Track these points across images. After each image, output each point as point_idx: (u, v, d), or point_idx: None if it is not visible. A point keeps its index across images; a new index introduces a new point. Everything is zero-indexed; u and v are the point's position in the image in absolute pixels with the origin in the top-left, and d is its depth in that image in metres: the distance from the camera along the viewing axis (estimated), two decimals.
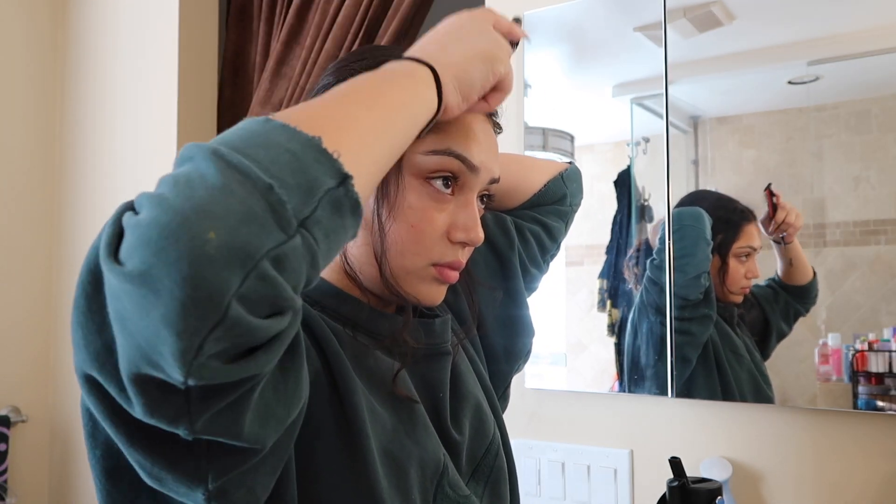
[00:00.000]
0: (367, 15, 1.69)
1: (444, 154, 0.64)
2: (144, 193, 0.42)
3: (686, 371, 1.21)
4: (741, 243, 1.22)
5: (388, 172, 0.58)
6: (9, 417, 1.85)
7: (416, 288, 0.66)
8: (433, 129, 0.62)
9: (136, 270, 0.38)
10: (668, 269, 1.22)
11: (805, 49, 1.15)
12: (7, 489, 1.86)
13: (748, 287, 1.21)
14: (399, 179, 0.63)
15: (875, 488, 1.07)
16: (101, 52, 1.97)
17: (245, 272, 0.39)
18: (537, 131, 1.39)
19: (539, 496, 1.33)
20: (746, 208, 1.20)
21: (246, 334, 0.39)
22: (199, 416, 0.41)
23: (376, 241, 0.63)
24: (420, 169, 0.64)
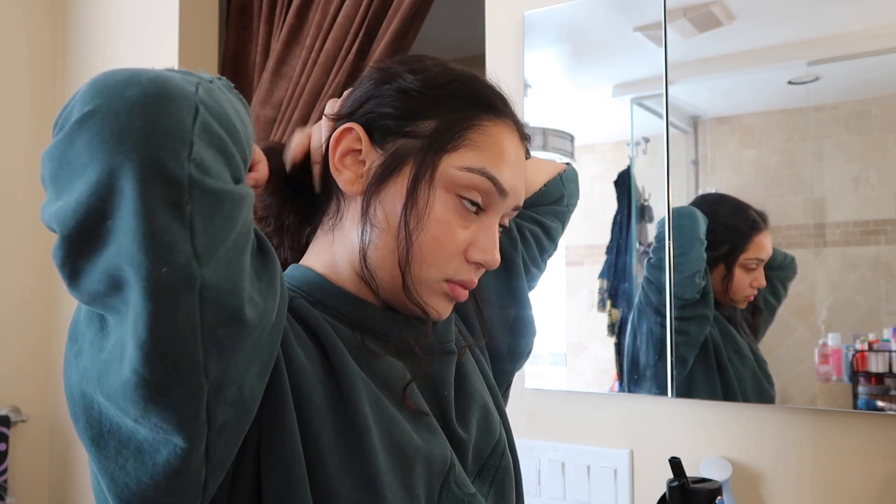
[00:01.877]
0: (367, 15, 1.69)
1: (477, 173, 0.65)
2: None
3: (683, 371, 1.21)
4: (749, 255, 1.22)
5: (420, 180, 0.64)
6: (9, 417, 1.85)
7: (425, 299, 0.66)
8: (470, 146, 0.66)
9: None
10: (669, 268, 1.22)
11: (805, 49, 1.15)
12: (7, 489, 1.86)
13: (752, 295, 1.21)
14: (430, 189, 0.65)
15: (875, 488, 1.07)
16: (101, 52, 1.97)
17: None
18: (537, 131, 1.39)
19: (539, 496, 1.33)
20: (757, 217, 1.20)
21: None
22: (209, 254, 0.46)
23: (402, 247, 0.64)
24: (452, 183, 0.65)
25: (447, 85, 0.68)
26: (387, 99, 0.67)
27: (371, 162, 0.66)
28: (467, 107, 0.67)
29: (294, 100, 1.76)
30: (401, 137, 0.66)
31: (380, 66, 0.70)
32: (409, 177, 0.64)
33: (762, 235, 1.21)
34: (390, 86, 0.67)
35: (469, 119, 0.67)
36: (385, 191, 0.65)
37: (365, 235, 0.65)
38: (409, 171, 0.65)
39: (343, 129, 0.66)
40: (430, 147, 0.65)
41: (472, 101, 0.68)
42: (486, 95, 0.69)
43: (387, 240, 0.65)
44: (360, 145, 0.66)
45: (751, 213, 1.22)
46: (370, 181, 0.65)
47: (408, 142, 0.66)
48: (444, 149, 0.65)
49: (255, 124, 1.82)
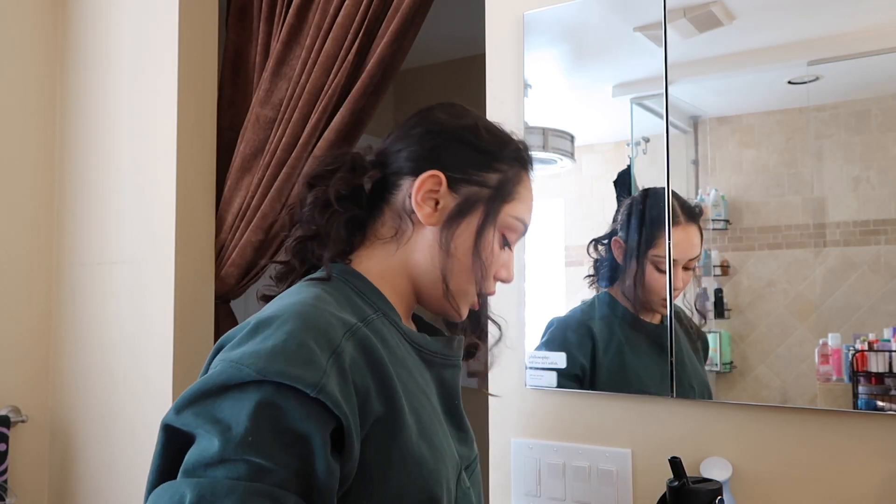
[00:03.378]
0: (367, 15, 1.69)
1: (520, 221, 0.89)
2: None
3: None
4: (658, 251, 1.22)
5: (486, 222, 0.85)
6: (9, 417, 1.85)
7: (460, 306, 0.87)
8: (518, 198, 0.88)
9: None
10: (669, 268, 1.22)
11: (805, 49, 1.15)
12: (7, 489, 1.86)
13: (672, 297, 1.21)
14: (493, 229, 0.86)
15: (875, 488, 1.07)
16: (101, 52, 1.97)
17: None
18: (537, 131, 1.39)
19: (539, 496, 1.33)
20: (680, 210, 1.21)
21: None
22: None
23: (461, 266, 0.84)
24: (504, 226, 0.87)
25: (506, 147, 0.88)
26: (462, 154, 0.86)
27: (445, 202, 0.85)
28: (517, 164, 0.89)
29: (294, 100, 1.76)
30: (472, 186, 0.85)
31: (441, 123, 0.88)
32: (479, 219, 0.85)
33: (678, 230, 1.21)
34: (462, 142, 0.86)
35: (519, 174, 0.89)
36: (457, 227, 0.84)
37: (433, 258, 0.84)
38: (478, 214, 0.85)
39: (431, 174, 0.84)
40: (496, 197, 0.86)
41: (519, 160, 0.89)
42: (528, 155, 0.91)
43: (448, 262, 0.84)
44: (439, 188, 0.84)
45: (674, 202, 1.22)
46: (447, 218, 0.84)
47: (478, 190, 0.85)
48: (505, 199, 0.86)
49: (255, 124, 1.82)
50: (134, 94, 1.90)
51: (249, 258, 1.83)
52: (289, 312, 0.72)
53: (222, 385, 0.66)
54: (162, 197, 1.82)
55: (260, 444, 0.64)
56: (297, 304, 0.74)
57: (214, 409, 0.66)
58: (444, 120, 0.88)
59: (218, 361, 0.69)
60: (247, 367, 0.66)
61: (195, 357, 1.84)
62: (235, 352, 0.69)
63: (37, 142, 2.00)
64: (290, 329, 0.70)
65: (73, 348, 1.96)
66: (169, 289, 1.79)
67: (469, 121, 0.88)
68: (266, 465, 0.64)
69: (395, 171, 0.87)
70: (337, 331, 0.73)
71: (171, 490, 0.64)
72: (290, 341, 0.69)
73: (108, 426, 1.88)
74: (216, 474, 0.63)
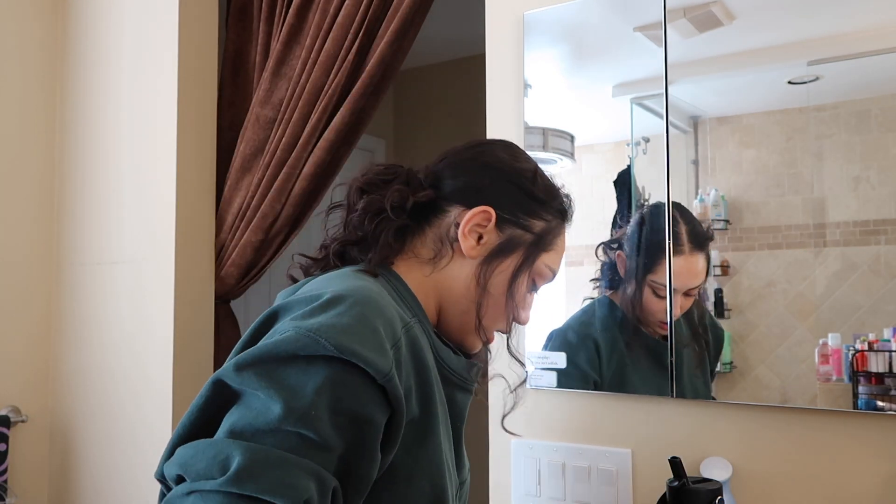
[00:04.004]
0: (367, 15, 1.69)
1: (551, 271, 0.92)
2: None
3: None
4: (657, 278, 1.21)
5: (523, 266, 0.87)
6: (9, 417, 1.85)
7: (477, 340, 0.90)
8: (554, 249, 0.91)
9: None
10: (669, 269, 1.22)
11: (805, 49, 1.15)
12: (7, 489, 1.86)
13: (667, 323, 1.20)
14: (528, 273, 0.88)
15: (875, 488, 1.07)
16: (101, 52, 1.97)
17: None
18: (537, 131, 1.39)
19: (539, 496, 1.33)
20: (685, 236, 1.19)
21: None
22: None
23: (494, 303, 0.87)
24: (537, 272, 0.90)
25: (555, 198, 0.91)
26: (514, 196, 0.88)
27: (489, 238, 0.87)
28: (561, 216, 0.92)
29: (294, 100, 1.76)
30: (517, 228, 0.88)
31: (500, 162, 0.90)
32: (518, 261, 0.87)
33: (675, 259, 1.20)
34: (517, 185, 0.89)
35: (559, 227, 0.92)
36: (497, 265, 0.86)
37: (468, 290, 0.86)
38: (517, 256, 0.87)
39: (483, 209, 0.86)
40: (537, 244, 0.89)
41: (562, 213, 0.92)
42: (571, 209, 0.94)
43: (482, 297, 0.86)
44: (487, 224, 0.86)
45: (676, 229, 1.20)
46: (488, 254, 0.86)
47: (522, 233, 0.88)
48: (545, 248, 0.89)
49: (255, 124, 1.82)
50: (134, 95, 1.90)
51: (249, 258, 1.83)
52: (360, 294, 0.72)
53: (293, 353, 0.66)
54: (162, 197, 1.82)
55: (318, 420, 0.64)
56: (363, 288, 0.74)
57: (280, 374, 0.65)
58: (504, 159, 0.90)
59: (289, 327, 0.68)
60: (324, 340, 0.66)
61: (195, 357, 1.84)
62: (310, 321, 0.68)
63: (37, 142, 2.00)
64: (363, 312, 0.70)
65: (73, 348, 1.96)
66: (169, 289, 1.79)
67: (528, 166, 0.91)
68: (318, 441, 0.64)
69: (446, 196, 0.88)
70: (398, 324, 0.74)
71: (216, 448, 0.62)
72: (365, 324, 0.69)
73: (108, 426, 1.88)
74: (267, 441, 0.63)
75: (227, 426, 0.64)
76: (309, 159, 1.75)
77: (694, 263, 1.20)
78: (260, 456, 0.61)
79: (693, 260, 1.20)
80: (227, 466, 0.61)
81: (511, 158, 0.91)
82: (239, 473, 0.60)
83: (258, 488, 0.60)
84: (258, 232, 1.79)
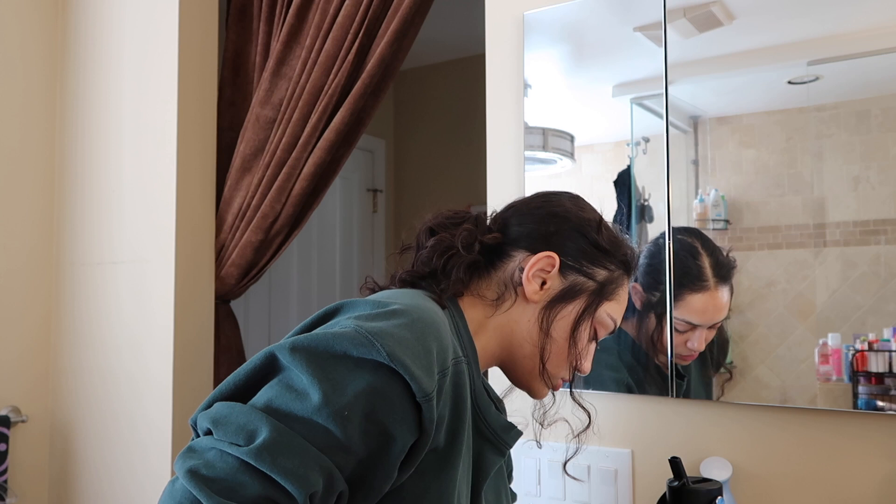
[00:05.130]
0: (367, 15, 1.69)
1: (613, 322, 0.92)
2: None
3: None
4: (678, 313, 1.19)
5: (586, 312, 0.88)
6: (9, 417, 1.85)
7: (550, 384, 0.91)
8: (617, 299, 0.91)
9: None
10: (669, 269, 1.22)
11: (805, 49, 1.15)
12: (7, 489, 1.86)
13: (689, 356, 1.19)
14: (590, 321, 0.89)
15: (875, 488, 1.07)
16: (102, 52, 1.97)
17: None
18: (537, 131, 1.39)
19: (539, 496, 1.33)
20: (708, 271, 1.18)
21: None
22: None
23: (557, 348, 0.88)
24: (599, 321, 0.90)
25: (619, 249, 0.92)
26: (579, 244, 0.90)
27: (553, 284, 0.88)
28: (624, 267, 0.92)
29: (294, 100, 1.76)
30: (581, 275, 0.89)
31: (567, 211, 0.92)
32: (580, 308, 0.88)
33: (700, 296, 1.18)
34: (582, 234, 0.90)
35: (622, 278, 0.92)
36: (559, 311, 0.88)
37: (530, 334, 0.88)
38: (580, 303, 0.88)
39: (547, 254, 0.87)
40: (600, 292, 0.89)
41: (626, 264, 0.93)
42: (634, 262, 0.95)
43: (545, 342, 0.87)
44: (551, 269, 0.88)
45: (699, 262, 1.19)
46: (550, 299, 0.88)
47: (585, 281, 0.89)
48: (607, 297, 0.90)
49: (255, 124, 1.82)
50: (134, 95, 1.90)
51: (249, 258, 1.83)
52: (424, 314, 0.74)
53: (345, 350, 0.67)
54: (162, 197, 1.82)
55: (349, 422, 0.65)
56: (430, 310, 0.76)
57: (329, 366, 0.67)
58: (570, 208, 0.93)
59: (350, 325, 0.70)
60: (379, 345, 0.67)
61: (195, 357, 1.84)
62: (371, 324, 0.70)
63: (37, 142, 2.00)
64: (423, 331, 0.72)
65: (73, 348, 1.96)
66: (169, 289, 1.79)
67: (593, 216, 0.93)
68: (343, 441, 0.65)
69: (511, 241, 0.91)
70: (450, 354, 0.75)
71: (248, 416, 0.65)
72: (421, 342, 0.71)
73: (108, 426, 1.88)
74: (296, 427, 0.64)
75: (266, 399, 0.67)
76: (309, 159, 1.75)
77: (719, 298, 1.18)
78: (285, 439, 0.63)
79: (718, 294, 1.18)
80: (253, 438, 0.63)
81: (577, 209, 0.93)
82: (260, 448, 0.62)
83: (273, 468, 0.62)
84: (258, 232, 1.79)
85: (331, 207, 3.10)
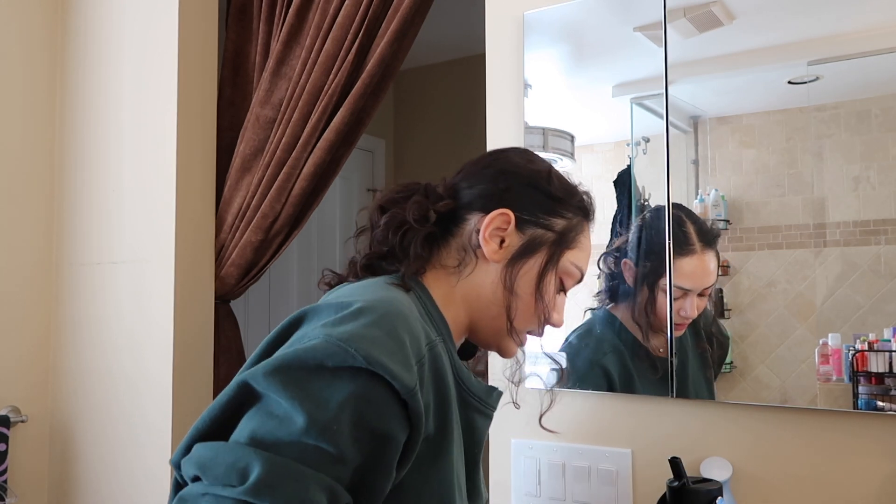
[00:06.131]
0: (367, 15, 1.69)
1: (577, 269, 0.91)
2: None
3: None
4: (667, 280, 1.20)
5: (549, 265, 0.87)
6: (9, 417, 1.85)
7: (518, 341, 0.90)
8: (578, 246, 0.90)
9: None
10: (669, 270, 1.22)
11: (805, 49, 1.15)
12: (7, 489, 1.86)
13: (682, 324, 1.20)
14: (554, 272, 0.88)
15: (875, 488, 1.07)
16: (101, 52, 1.97)
17: None
18: (537, 131, 1.39)
19: (539, 496, 1.33)
20: (693, 236, 1.19)
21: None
22: None
23: (523, 305, 0.87)
24: (563, 271, 0.90)
25: (574, 196, 0.91)
26: (532, 197, 0.88)
27: (511, 241, 0.87)
28: (582, 213, 0.92)
29: (294, 100, 1.76)
30: (539, 228, 0.88)
31: (516, 166, 0.91)
32: (542, 261, 0.87)
33: (688, 259, 1.20)
34: (534, 186, 0.89)
35: (581, 224, 0.92)
36: (521, 267, 0.86)
37: (495, 295, 0.86)
38: (541, 256, 0.87)
39: (501, 212, 0.86)
40: (560, 242, 0.89)
41: (583, 210, 0.92)
42: (591, 206, 0.94)
43: (511, 300, 0.86)
44: (507, 226, 0.87)
45: (685, 229, 1.20)
46: (511, 257, 0.87)
47: (543, 233, 0.88)
48: (569, 246, 0.89)
49: (255, 124, 1.82)
50: (134, 95, 1.90)
51: (249, 258, 1.83)
52: (390, 306, 0.73)
53: (320, 362, 0.65)
54: (162, 197, 1.82)
55: (339, 434, 0.64)
56: (394, 300, 0.75)
57: (306, 384, 0.65)
58: (518, 163, 0.92)
59: (319, 334, 0.68)
60: (354, 350, 0.65)
61: (195, 357, 1.84)
62: (340, 329, 0.68)
63: (37, 142, 2.00)
64: (393, 324, 0.70)
65: (73, 348, 1.96)
66: (169, 289, 1.79)
67: (542, 166, 0.92)
68: (336, 455, 0.64)
69: (465, 205, 0.90)
70: (423, 340, 0.74)
71: (235, 454, 0.63)
72: (394, 337, 0.69)
73: (108, 426, 1.88)
74: (286, 452, 0.63)
75: (248, 431, 0.64)
76: (309, 159, 1.75)
77: (707, 262, 1.20)
78: (279, 468, 0.61)
79: (705, 258, 1.20)
80: (247, 475, 0.61)
81: (526, 162, 0.92)
82: (257, 484, 0.60)
83: (275, 501, 0.60)
84: (258, 232, 1.79)
85: (331, 207, 3.10)
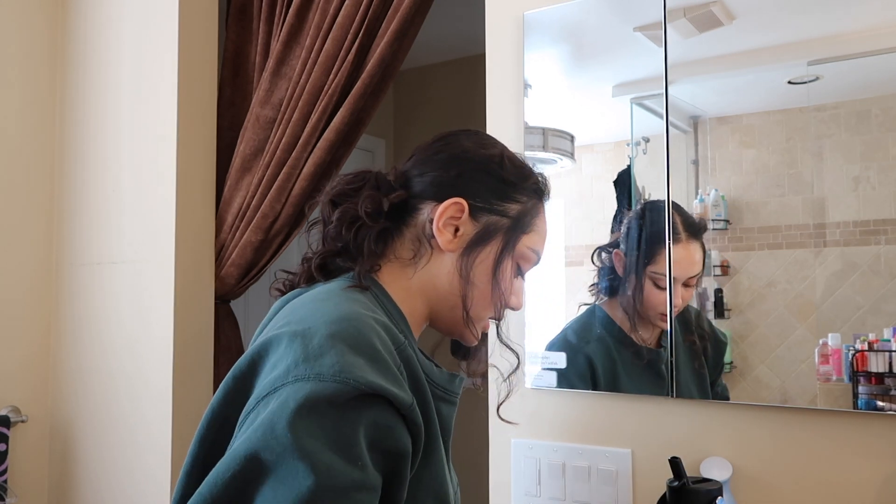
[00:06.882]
0: (367, 15, 1.69)
1: (535, 253, 0.90)
2: None
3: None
4: (657, 268, 1.22)
5: (504, 251, 0.86)
6: (9, 417, 1.85)
7: (475, 330, 0.89)
8: (535, 230, 0.89)
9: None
10: (668, 270, 1.22)
11: (805, 49, 1.15)
12: (7, 489, 1.86)
13: (667, 314, 1.21)
14: (511, 258, 0.87)
15: (875, 488, 1.07)
16: (101, 53, 1.97)
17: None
18: (537, 131, 1.39)
19: (539, 496, 1.33)
20: (682, 225, 1.21)
21: None
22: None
23: (480, 293, 0.86)
24: (520, 256, 0.89)
25: (528, 179, 0.90)
26: (485, 182, 0.87)
27: (466, 230, 0.85)
28: (536, 195, 0.91)
29: (294, 100, 1.76)
30: (493, 215, 0.86)
31: (466, 151, 0.89)
32: (498, 248, 0.86)
33: (674, 248, 1.21)
34: (486, 172, 0.87)
35: (536, 206, 0.90)
36: (477, 255, 0.85)
37: (452, 285, 0.85)
38: (497, 243, 0.86)
39: (454, 201, 0.84)
40: (515, 227, 0.87)
41: (538, 192, 0.91)
42: (546, 187, 0.93)
43: (468, 289, 0.85)
44: (461, 215, 0.85)
45: (673, 219, 1.22)
46: (466, 245, 0.85)
47: (498, 219, 0.87)
48: (524, 231, 0.88)
49: (255, 124, 1.82)
50: (134, 95, 1.90)
51: (249, 258, 1.83)
52: (356, 325, 0.71)
53: (329, 400, 0.64)
54: (162, 197, 1.82)
55: (365, 468, 0.64)
56: (352, 315, 0.72)
57: (321, 436, 0.63)
58: (470, 148, 0.89)
59: (307, 374, 0.66)
60: (353, 381, 0.65)
61: (195, 357, 1.84)
62: (324, 363, 0.66)
63: (37, 142, 2.00)
64: (371, 343, 0.70)
65: (73, 349, 1.96)
66: (169, 289, 1.79)
67: (494, 151, 0.89)
68: (366, 484, 0.65)
69: (417, 194, 0.87)
70: (392, 346, 0.74)
71: None
72: (377, 357, 0.69)
73: (108, 426, 1.88)
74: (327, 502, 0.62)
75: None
76: (309, 159, 1.75)
77: (692, 251, 1.21)
78: None
79: (690, 248, 1.21)
80: None
81: (477, 146, 0.89)
82: None
83: None
84: (258, 232, 1.79)
85: None
